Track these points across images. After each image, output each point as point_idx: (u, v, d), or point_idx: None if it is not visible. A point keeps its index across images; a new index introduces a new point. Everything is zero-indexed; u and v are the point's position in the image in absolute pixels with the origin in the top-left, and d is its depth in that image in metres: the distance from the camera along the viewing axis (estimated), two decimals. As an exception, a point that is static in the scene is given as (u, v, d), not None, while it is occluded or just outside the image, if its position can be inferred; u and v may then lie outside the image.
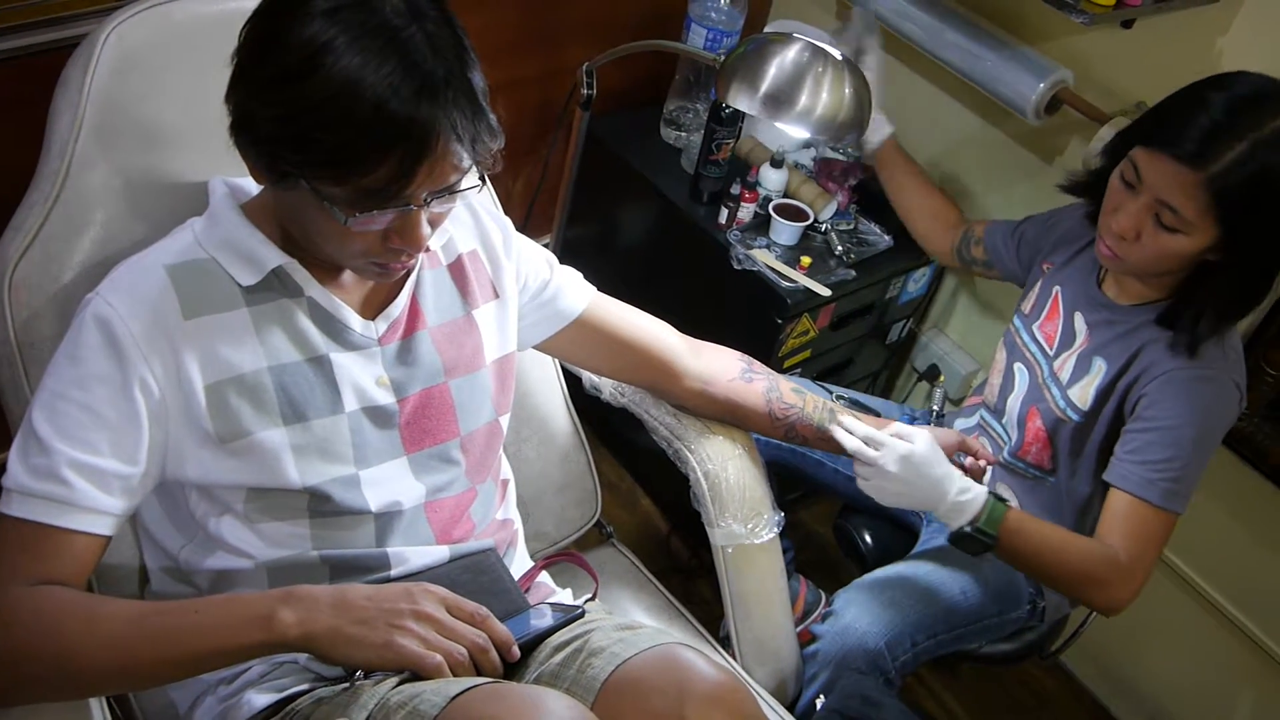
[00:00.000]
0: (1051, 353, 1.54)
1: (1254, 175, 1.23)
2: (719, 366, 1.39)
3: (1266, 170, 1.23)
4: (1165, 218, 1.29)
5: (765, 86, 1.40)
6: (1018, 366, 1.59)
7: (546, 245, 1.33)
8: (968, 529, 1.36)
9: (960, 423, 1.71)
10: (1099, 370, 1.45)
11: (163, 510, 1.10)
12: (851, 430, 1.39)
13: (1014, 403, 1.59)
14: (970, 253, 1.75)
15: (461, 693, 0.89)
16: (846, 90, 1.39)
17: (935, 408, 1.82)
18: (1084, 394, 1.46)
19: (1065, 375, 1.49)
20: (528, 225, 2.07)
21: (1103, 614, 1.46)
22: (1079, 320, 1.50)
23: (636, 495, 2.35)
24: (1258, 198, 1.25)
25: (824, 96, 1.38)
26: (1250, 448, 1.79)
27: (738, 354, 1.43)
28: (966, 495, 1.36)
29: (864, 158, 1.86)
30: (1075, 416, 1.47)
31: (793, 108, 1.39)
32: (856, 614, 1.47)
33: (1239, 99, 1.26)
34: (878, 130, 1.82)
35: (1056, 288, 1.56)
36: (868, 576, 1.55)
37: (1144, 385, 1.39)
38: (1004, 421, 1.61)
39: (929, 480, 1.35)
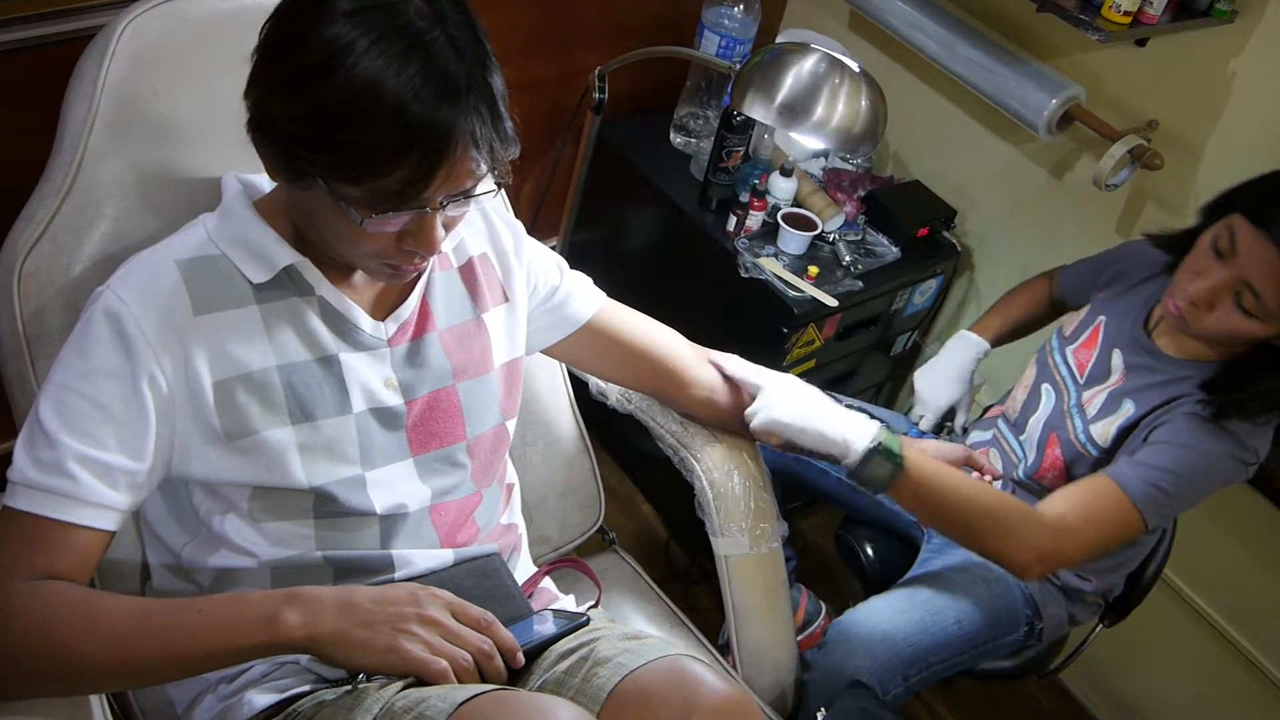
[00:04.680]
0: (1081, 381, 1.52)
1: None
2: (726, 375, 1.39)
3: None
4: (1246, 300, 1.26)
5: (781, 96, 1.40)
6: (1045, 387, 1.57)
7: (554, 248, 1.33)
8: (873, 445, 1.24)
9: (976, 434, 1.70)
10: (1126, 411, 1.43)
11: (166, 507, 1.10)
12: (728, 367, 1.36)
13: (1035, 424, 1.57)
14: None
15: (468, 699, 0.89)
16: (863, 102, 1.39)
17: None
18: (1105, 431, 1.44)
19: (1092, 410, 1.47)
20: (535, 228, 2.07)
21: (1016, 572, 1.31)
22: (1116, 358, 1.48)
23: (636, 501, 2.35)
24: None
25: (840, 108, 1.38)
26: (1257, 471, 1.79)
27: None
28: (849, 413, 1.28)
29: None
30: (1094, 452, 1.45)
31: (808, 118, 1.39)
32: (849, 648, 1.45)
33: None
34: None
35: (1101, 317, 1.54)
36: (862, 606, 1.53)
37: (1163, 417, 1.36)
38: (1021, 439, 1.60)
39: (806, 406, 1.28)
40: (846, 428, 1.26)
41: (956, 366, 1.71)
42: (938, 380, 1.72)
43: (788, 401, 1.29)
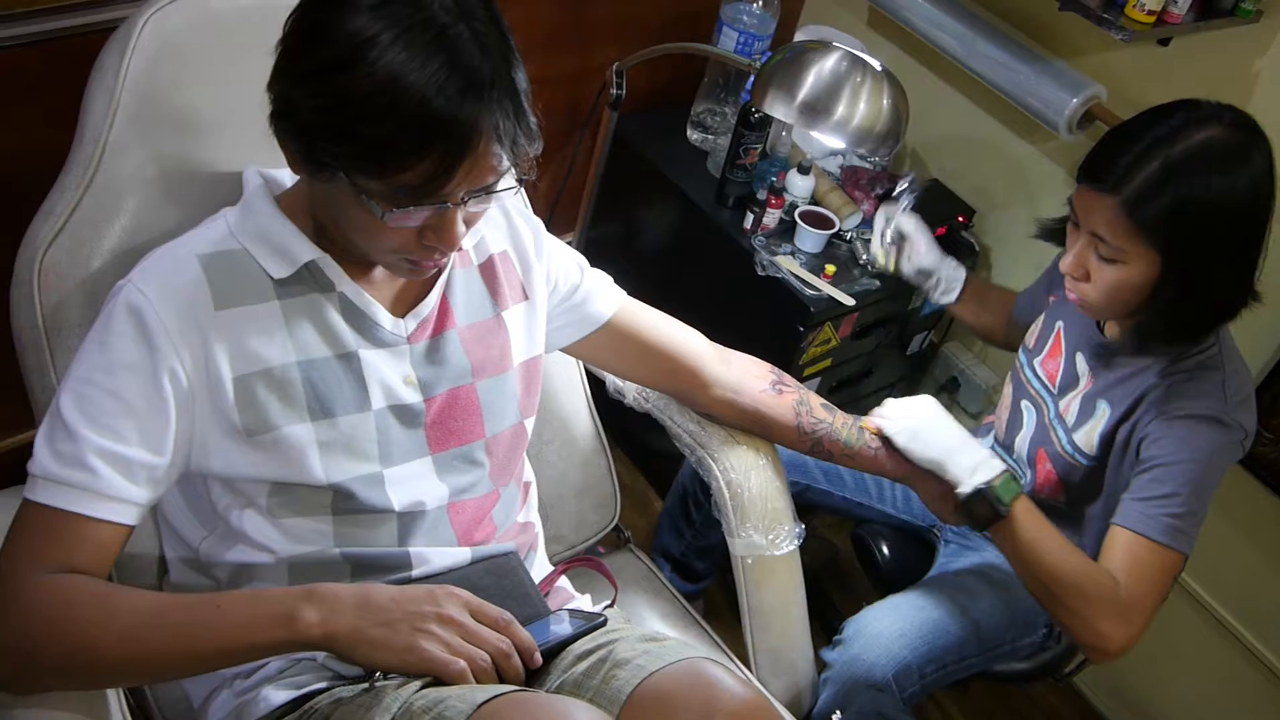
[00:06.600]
0: (1055, 391, 1.51)
1: (1169, 197, 1.22)
2: (748, 376, 1.38)
3: (1179, 191, 1.22)
4: (1101, 249, 1.29)
5: (802, 95, 1.39)
6: (1024, 404, 1.57)
7: (570, 243, 1.33)
8: (982, 485, 1.29)
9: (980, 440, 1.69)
10: (1103, 414, 1.41)
11: (184, 501, 1.10)
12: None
13: (1022, 442, 1.56)
14: None
15: (487, 700, 0.89)
16: (884, 101, 1.38)
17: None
18: (1089, 439, 1.43)
19: (1071, 418, 1.46)
20: (552, 223, 2.07)
21: (1092, 653, 1.33)
22: (1080, 361, 1.47)
23: (649, 496, 2.34)
24: (1179, 219, 1.23)
25: (861, 107, 1.38)
26: (1272, 473, 1.78)
27: (767, 365, 1.41)
28: (984, 453, 1.32)
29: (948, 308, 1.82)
30: (1083, 460, 1.44)
31: (829, 117, 1.38)
32: (865, 645, 1.45)
33: (1159, 122, 1.25)
34: (953, 285, 1.76)
35: (1059, 323, 1.53)
36: (879, 604, 1.52)
37: (1145, 427, 1.35)
38: (1014, 458, 1.59)
39: (942, 432, 1.34)
40: (968, 463, 1.31)
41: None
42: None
43: (909, 424, 1.34)
